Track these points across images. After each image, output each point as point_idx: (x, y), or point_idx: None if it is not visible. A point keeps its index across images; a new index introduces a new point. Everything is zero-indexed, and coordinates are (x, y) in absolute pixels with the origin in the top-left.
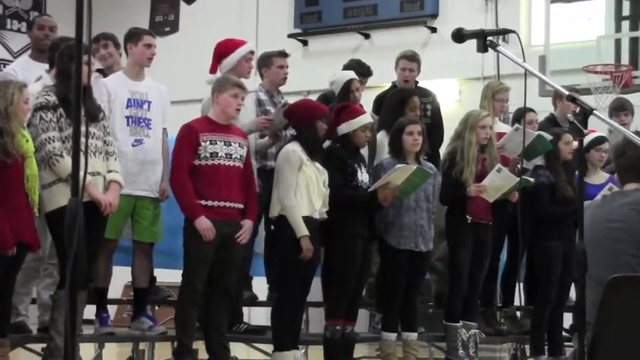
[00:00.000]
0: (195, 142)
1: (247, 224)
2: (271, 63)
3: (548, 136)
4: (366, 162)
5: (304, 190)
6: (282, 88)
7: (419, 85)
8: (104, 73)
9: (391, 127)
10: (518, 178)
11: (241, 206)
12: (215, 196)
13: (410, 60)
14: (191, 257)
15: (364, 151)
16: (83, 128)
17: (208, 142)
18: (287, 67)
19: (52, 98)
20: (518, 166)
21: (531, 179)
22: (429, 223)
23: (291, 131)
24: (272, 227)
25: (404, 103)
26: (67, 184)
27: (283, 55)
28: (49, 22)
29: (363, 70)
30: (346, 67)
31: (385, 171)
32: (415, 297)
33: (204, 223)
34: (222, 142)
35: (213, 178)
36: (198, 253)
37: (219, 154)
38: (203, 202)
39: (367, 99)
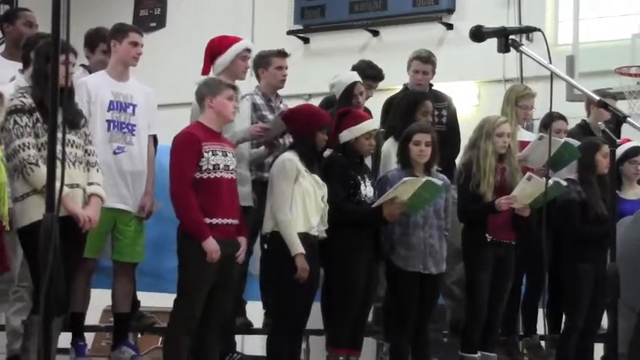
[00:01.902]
0: (198, 151)
1: (244, 242)
2: (269, 63)
3: (575, 142)
4: (371, 173)
5: (300, 204)
6: (280, 91)
7: (433, 88)
8: (89, 69)
9: (401, 134)
10: (550, 181)
11: (237, 223)
12: (219, 213)
13: (424, 62)
14: (192, 281)
15: (367, 162)
16: (60, 135)
17: (210, 153)
18: (286, 68)
19: (28, 101)
20: (543, 178)
21: (564, 182)
22: (441, 242)
23: (289, 138)
24: (265, 245)
25: (415, 107)
26: (42, 197)
27: (282, 54)
28: (35, 19)
29: (374, 73)
30: (355, 69)
31: (391, 184)
32: (427, 324)
33: (212, 245)
34: (221, 153)
35: (217, 193)
36: (201, 277)
37: (221, 166)
38: (207, 221)
39: (375, 103)
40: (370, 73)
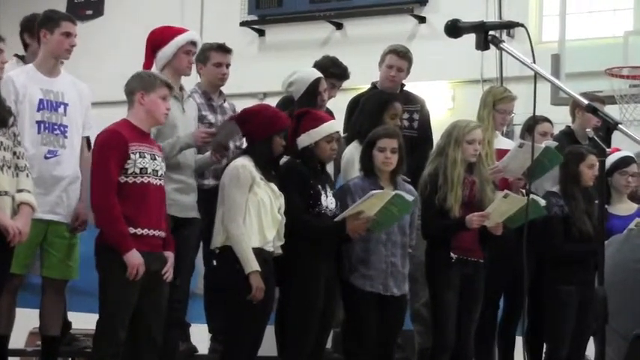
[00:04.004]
0: (124, 153)
1: (171, 257)
2: (207, 59)
3: (553, 143)
4: (333, 182)
5: (254, 216)
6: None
7: (405, 89)
8: (24, 59)
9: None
10: (528, 197)
11: (164, 235)
12: (146, 223)
13: (401, 57)
14: (113, 298)
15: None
16: None
17: (138, 155)
18: (227, 65)
19: None
20: (522, 190)
21: (542, 201)
22: (403, 261)
23: (238, 143)
24: (214, 262)
25: (383, 108)
26: None
27: (222, 49)
28: None
29: (338, 71)
30: (317, 66)
31: (351, 194)
32: (392, 352)
33: (135, 258)
34: (149, 156)
35: (143, 200)
36: (122, 294)
37: (149, 170)
38: (132, 230)
39: (339, 103)
40: (334, 71)
